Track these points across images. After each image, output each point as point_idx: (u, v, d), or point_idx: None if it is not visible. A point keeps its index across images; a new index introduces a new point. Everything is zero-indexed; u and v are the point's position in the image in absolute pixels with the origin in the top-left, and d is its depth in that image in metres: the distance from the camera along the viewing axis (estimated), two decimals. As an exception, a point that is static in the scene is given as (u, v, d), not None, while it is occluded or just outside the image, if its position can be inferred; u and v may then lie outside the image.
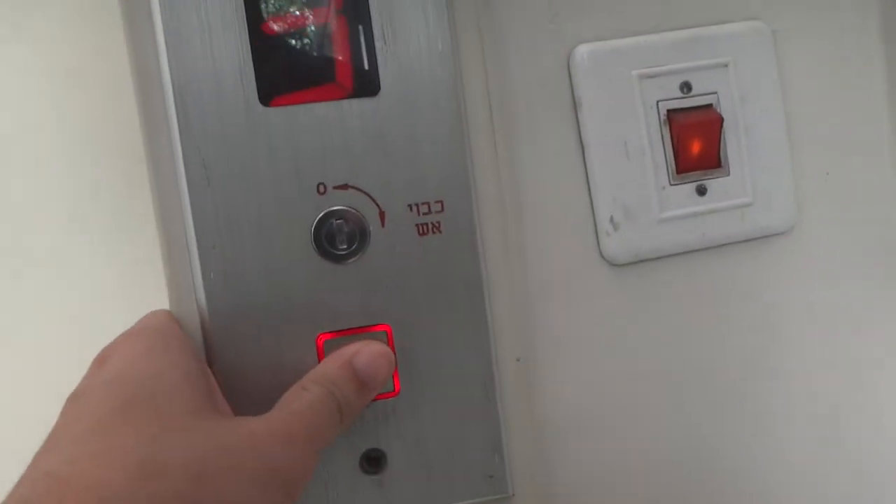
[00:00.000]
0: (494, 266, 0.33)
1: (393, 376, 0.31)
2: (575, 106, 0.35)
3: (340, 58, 0.31)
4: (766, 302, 0.37)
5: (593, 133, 0.35)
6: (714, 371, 0.37)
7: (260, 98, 0.30)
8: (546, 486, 0.35)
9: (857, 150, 0.38)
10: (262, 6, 0.30)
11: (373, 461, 0.32)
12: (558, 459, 0.36)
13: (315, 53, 0.30)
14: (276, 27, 0.30)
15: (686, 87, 0.35)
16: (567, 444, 0.36)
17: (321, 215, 0.31)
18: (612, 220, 0.35)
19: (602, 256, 0.35)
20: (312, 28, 0.30)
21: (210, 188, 0.30)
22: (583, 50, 0.34)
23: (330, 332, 0.31)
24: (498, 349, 0.33)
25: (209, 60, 0.29)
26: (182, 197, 0.30)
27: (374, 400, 0.31)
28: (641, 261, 0.36)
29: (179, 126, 0.29)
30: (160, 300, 0.31)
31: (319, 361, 0.31)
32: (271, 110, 0.30)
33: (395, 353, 0.31)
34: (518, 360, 0.33)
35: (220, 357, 0.30)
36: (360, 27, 0.31)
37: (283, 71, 0.30)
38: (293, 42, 0.30)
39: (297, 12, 0.30)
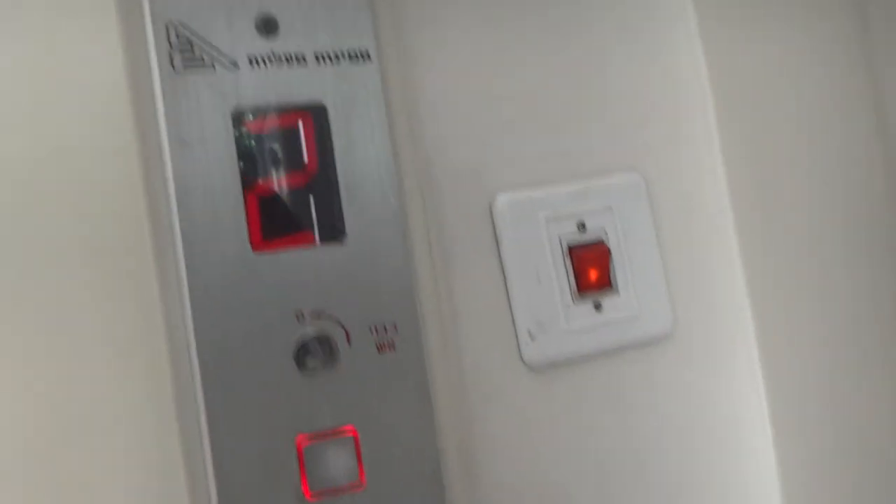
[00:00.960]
0: (438, 373, 0.40)
1: (359, 470, 0.38)
2: (497, 242, 0.43)
3: (315, 213, 0.38)
4: (654, 395, 0.46)
5: (511, 263, 0.43)
6: (612, 454, 0.44)
7: (251, 246, 0.37)
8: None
9: (713, 272, 0.47)
10: (253, 175, 0.38)
11: (342, 545, 0.38)
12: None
13: (295, 211, 0.38)
14: (264, 191, 0.38)
15: (582, 226, 0.44)
16: (500, 520, 0.43)
17: (299, 337, 0.38)
18: (529, 332, 0.43)
19: (523, 362, 0.43)
20: (293, 191, 0.38)
21: (211, 315, 0.37)
22: (502, 199, 0.43)
23: (307, 433, 0.38)
24: (442, 440, 0.40)
25: (211, 215, 0.37)
26: (187, 322, 0.37)
27: (343, 493, 0.38)
28: (554, 364, 0.43)
29: (187, 267, 0.36)
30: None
31: (298, 460, 0.38)
32: (260, 255, 0.37)
33: (361, 452, 0.38)
34: (459, 449, 0.41)
35: (217, 454, 0.36)
36: (331, 190, 0.39)
37: (269, 224, 0.38)
38: (277, 202, 0.38)
39: (280, 179, 0.38)
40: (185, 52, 0.37)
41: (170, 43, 0.37)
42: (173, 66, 0.37)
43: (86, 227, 0.37)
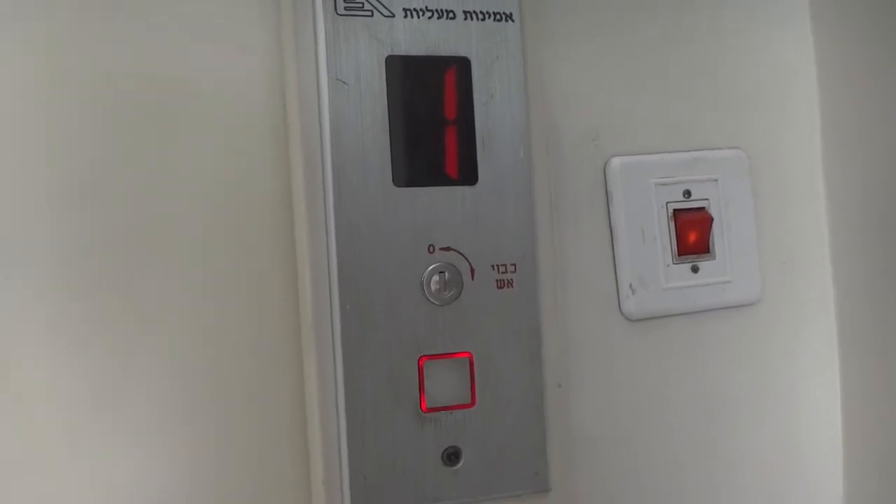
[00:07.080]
0: (546, 315, 0.43)
1: (472, 391, 0.42)
2: (608, 201, 0.47)
3: (451, 157, 0.42)
4: (737, 354, 0.49)
5: (619, 222, 0.46)
6: (697, 400, 0.48)
7: (393, 181, 0.41)
8: (574, 484, 0.45)
9: (802, 249, 0.51)
10: (400, 116, 0.41)
11: (452, 456, 0.42)
12: (585, 464, 0.46)
13: (434, 153, 0.42)
14: (408, 133, 0.41)
15: (687, 193, 0.47)
16: (592, 452, 0.46)
17: (430, 269, 0.42)
18: (630, 286, 0.46)
19: (622, 313, 0.47)
20: (434, 134, 0.42)
21: (353, 242, 0.40)
22: (615, 162, 0.46)
23: (428, 356, 0.42)
24: (546, 376, 0.43)
25: (359, 150, 0.41)
26: (330, 246, 0.40)
27: (455, 408, 0.42)
28: (650, 318, 0.47)
29: (335, 196, 0.40)
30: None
31: (419, 378, 0.41)
32: (400, 190, 0.41)
33: (475, 375, 0.42)
34: (559, 385, 0.44)
35: (348, 369, 0.40)
36: (468, 137, 0.42)
37: (410, 163, 0.41)
38: (419, 144, 0.41)
39: (423, 123, 0.41)
40: (349, -2, 0.41)
41: (335, -12, 0.41)
42: (336, 9, 0.41)
43: (242, 156, 0.41)
